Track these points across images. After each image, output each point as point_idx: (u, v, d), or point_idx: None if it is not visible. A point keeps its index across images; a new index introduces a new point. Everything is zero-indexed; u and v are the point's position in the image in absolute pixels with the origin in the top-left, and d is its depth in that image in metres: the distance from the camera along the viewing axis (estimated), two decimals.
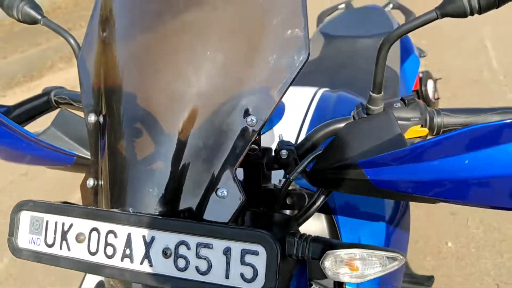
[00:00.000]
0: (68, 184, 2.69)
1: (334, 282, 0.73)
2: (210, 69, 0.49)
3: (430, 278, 1.44)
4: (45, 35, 5.48)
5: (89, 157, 0.55)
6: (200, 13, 0.50)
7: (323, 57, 1.45)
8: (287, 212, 0.68)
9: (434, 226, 2.08)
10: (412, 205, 2.23)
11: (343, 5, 1.73)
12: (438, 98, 1.73)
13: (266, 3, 0.49)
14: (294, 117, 0.92)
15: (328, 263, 0.52)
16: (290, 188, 0.62)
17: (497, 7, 0.47)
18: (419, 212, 2.19)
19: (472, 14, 0.48)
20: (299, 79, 0.54)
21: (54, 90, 0.84)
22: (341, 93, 1.02)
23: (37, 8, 0.69)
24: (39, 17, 0.68)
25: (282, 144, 0.61)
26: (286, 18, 0.48)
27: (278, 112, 0.91)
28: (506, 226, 1.97)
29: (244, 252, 0.42)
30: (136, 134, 0.49)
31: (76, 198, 2.57)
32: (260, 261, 0.42)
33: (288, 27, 0.48)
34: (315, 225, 0.76)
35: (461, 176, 0.43)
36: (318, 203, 0.60)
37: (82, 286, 0.58)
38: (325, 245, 0.52)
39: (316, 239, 0.53)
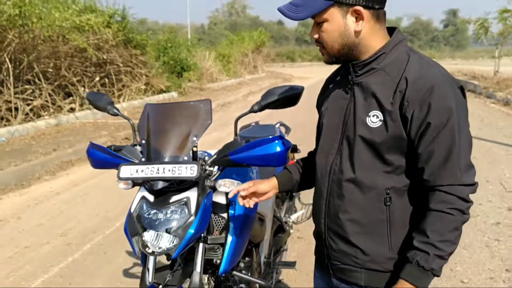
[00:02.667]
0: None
1: (227, 213, 1.83)
2: (178, 129, 1.68)
3: (295, 262, 2.47)
4: (34, 154, 6.57)
5: (136, 160, 1.69)
6: (174, 118, 1.73)
7: None
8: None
9: None
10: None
11: (253, 123, 3.05)
12: None
13: (196, 108, 1.70)
14: None
15: (218, 186, 1.65)
16: (209, 168, 1.75)
17: (265, 109, 1.69)
18: None
19: (257, 112, 1.69)
20: None
21: (112, 146, 1.96)
22: None
23: (117, 110, 1.87)
24: (119, 113, 1.86)
25: (208, 154, 1.77)
26: (203, 111, 1.69)
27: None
28: None
29: (190, 167, 1.54)
30: (157, 145, 1.66)
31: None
32: (196, 168, 1.54)
33: (203, 113, 1.68)
34: None
35: (251, 155, 1.60)
36: (219, 173, 1.74)
37: (136, 199, 1.66)
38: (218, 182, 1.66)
39: (217, 182, 1.66)
